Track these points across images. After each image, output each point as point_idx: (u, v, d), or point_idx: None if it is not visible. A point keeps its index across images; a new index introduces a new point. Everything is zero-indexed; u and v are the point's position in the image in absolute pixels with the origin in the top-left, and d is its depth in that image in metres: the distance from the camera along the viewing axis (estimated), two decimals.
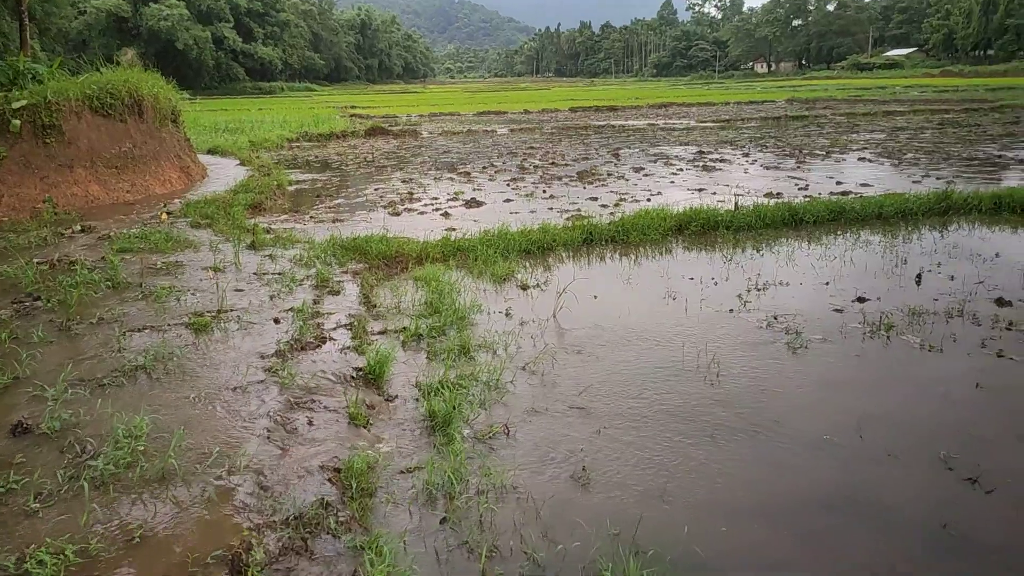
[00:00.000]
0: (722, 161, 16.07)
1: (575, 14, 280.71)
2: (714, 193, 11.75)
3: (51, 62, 13.36)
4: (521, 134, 26.16)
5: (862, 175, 13.20)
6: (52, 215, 9.60)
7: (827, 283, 6.66)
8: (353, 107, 47.23)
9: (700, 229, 8.80)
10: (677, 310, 6.10)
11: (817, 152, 17.01)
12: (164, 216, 9.76)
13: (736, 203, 9.24)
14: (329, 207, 11.51)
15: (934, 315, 5.72)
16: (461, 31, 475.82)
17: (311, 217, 10.53)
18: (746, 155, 17.09)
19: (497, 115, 38.92)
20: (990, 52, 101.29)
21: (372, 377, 4.62)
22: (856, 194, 11.14)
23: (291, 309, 5.83)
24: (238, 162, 16.90)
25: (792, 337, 5.33)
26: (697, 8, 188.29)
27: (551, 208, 10.84)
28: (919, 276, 6.73)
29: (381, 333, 5.54)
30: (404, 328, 5.55)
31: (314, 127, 26.91)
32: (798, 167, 14.76)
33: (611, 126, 28.89)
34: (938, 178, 12.56)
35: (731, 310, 6.02)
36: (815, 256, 7.64)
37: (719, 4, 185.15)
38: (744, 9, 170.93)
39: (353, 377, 4.60)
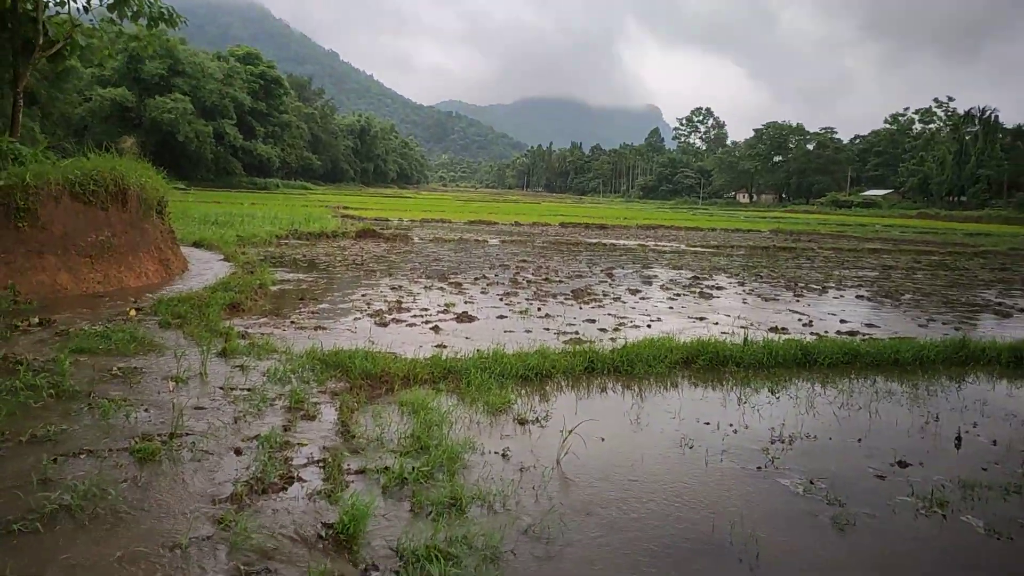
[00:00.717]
0: (718, 288, 15.75)
1: (566, 135, 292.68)
2: (716, 323, 11.26)
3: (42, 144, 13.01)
4: (513, 246, 26.03)
5: (864, 314, 12.84)
6: (11, 304, 8.86)
7: (859, 440, 6.01)
8: (346, 207, 47.56)
9: (708, 363, 8.21)
10: (696, 463, 5.39)
11: (813, 286, 16.78)
12: (132, 312, 9.05)
13: (745, 337, 8.70)
14: (312, 312, 10.86)
15: (989, 490, 5.05)
16: (456, 143, 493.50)
17: (292, 322, 9.85)
18: (741, 284, 16.83)
19: (488, 225, 39.15)
20: (963, 198, 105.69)
21: (344, 537, 3.82)
22: (864, 335, 10.70)
23: (257, 436, 5.06)
24: (222, 257, 16.37)
25: (836, 510, 4.62)
26: (683, 138, 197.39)
27: (547, 328, 10.26)
28: (958, 439, 6.11)
29: (359, 472, 4.76)
30: (386, 468, 4.78)
31: (305, 225, 26.66)
32: (796, 300, 14.43)
33: (602, 244, 28.93)
34: (944, 323, 12.20)
35: (759, 467, 5.32)
36: (836, 404, 7.01)
37: (703, 136, 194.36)
38: (728, 142, 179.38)
39: (321, 536, 3.80)
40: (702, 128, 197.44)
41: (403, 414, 5.97)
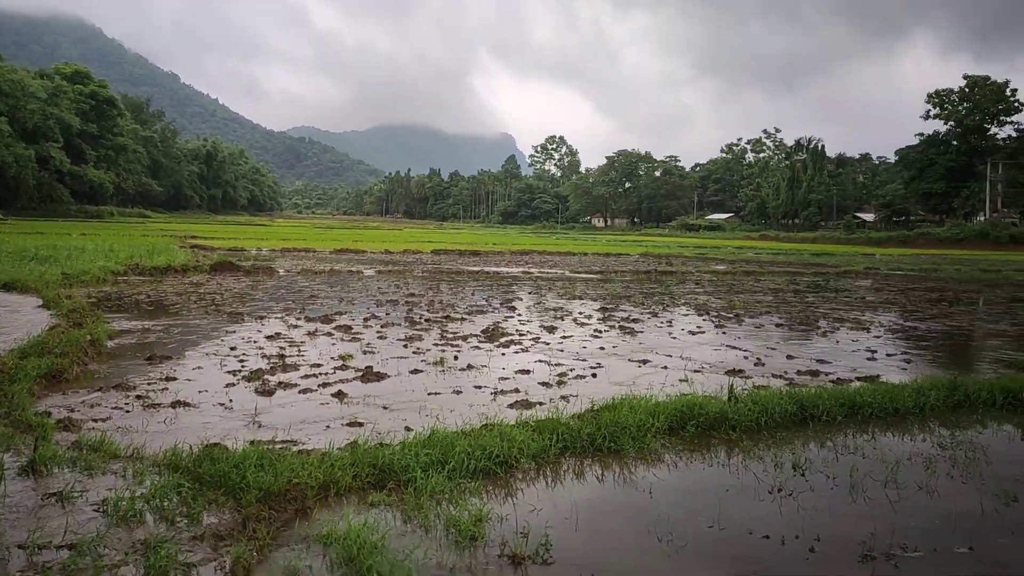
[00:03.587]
0: (635, 321, 14.45)
1: (423, 162, 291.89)
2: (665, 367, 9.77)
3: None
4: (391, 277, 23.79)
5: (806, 348, 11.88)
6: None
7: (969, 549, 4.53)
8: (194, 237, 43.13)
9: (699, 429, 6.59)
10: None
11: (725, 314, 15.90)
12: None
13: (731, 393, 7.20)
14: (166, 377, 8.26)
15: None
16: (310, 168, 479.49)
17: (139, 396, 7.26)
18: (654, 314, 15.66)
19: (357, 254, 36.55)
20: (796, 220, 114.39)
21: None
22: (826, 374, 9.61)
23: None
24: (41, 302, 13.06)
25: None
26: (539, 164, 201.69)
27: (478, 387, 8.30)
28: None
29: None
30: None
31: (148, 259, 23.02)
32: (722, 332, 13.36)
33: (485, 272, 27.30)
34: (902, 357, 11.39)
35: None
36: (881, 483, 5.55)
37: (558, 163, 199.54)
38: (581, 168, 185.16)
39: None
40: (556, 155, 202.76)
41: (332, 567, 3.83)
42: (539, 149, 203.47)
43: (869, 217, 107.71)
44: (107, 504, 4.22)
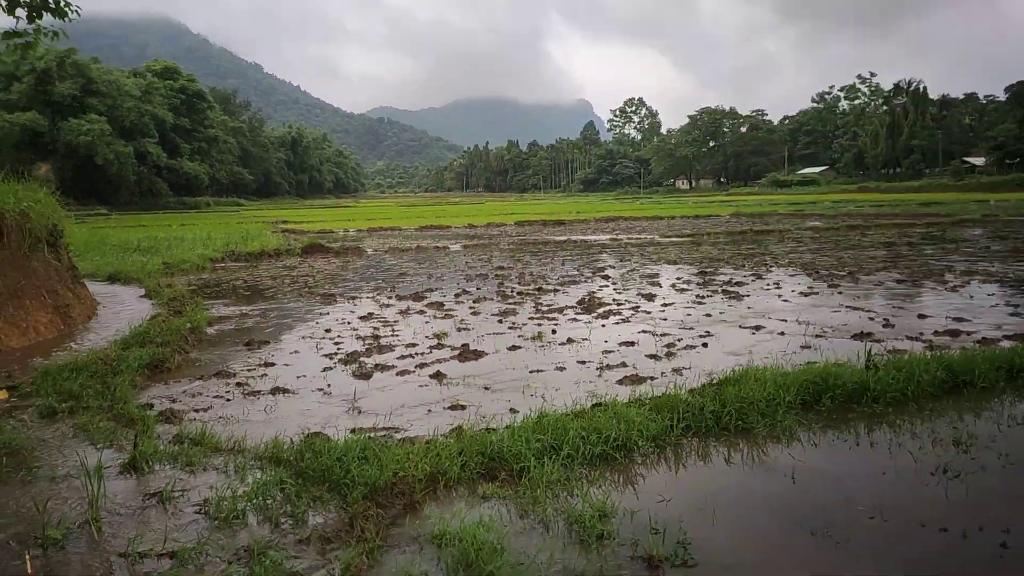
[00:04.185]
0: (738, 284, 13.58)
1: (501, 135, 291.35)
2: (782, 333, 9.00)
3: None
4: (477, 251, 23.52)
5: (938, 305, 10.77)
6: None
7: None
8: (285, 222, 44.22)
9: (836, 403, 5.89)
10: None
11: (839, 273, 14.77)
12: (2, 395, 6.26)
13: (869, 358, 6.43)
14: (265, 362, 8.16)
15: None
16: (391, 148, 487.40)
17: (238, 384, 7.15)
18: (758, 276, 14.71)
19: (440, 229, 36.58)
20: (898, 170, 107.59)
21: None
22: (965, 333, 8.62)
23: None
24: (143, 292, 13.41)
25: None
26: (618, 129, 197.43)
27: (581, 362, 7.81)
28: None
29: None
30: None
31: (243, 245, 23.56)
32: (837, 292, 12.34)
33: (572, 241, 26.65)
34: None
35: None
36: None
37: (638, 126, 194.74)
38: (662, 130, 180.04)
39: None
40: (636, 118, 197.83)
41: (449, 573, 3.45)
42: (617, 113, 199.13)
43: (979, 161, 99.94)
44: (209, 505, 3.99)
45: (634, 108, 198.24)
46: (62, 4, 13.52)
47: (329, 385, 7.07)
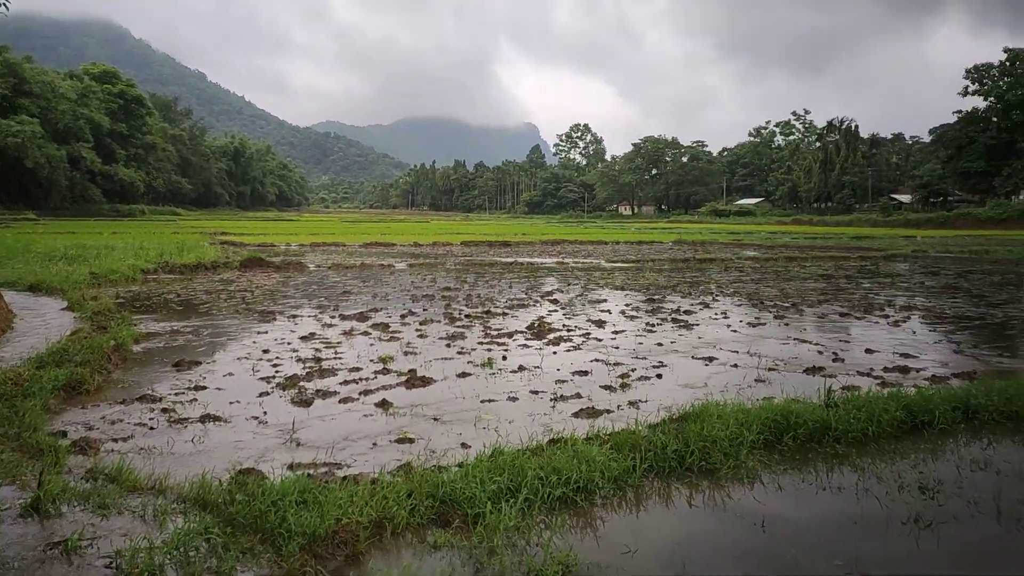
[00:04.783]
0: (687, 313, 13.55)
1: (448, 154, 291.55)
2: (735, 365, 8.89)
3: None
4: (423, 270, 23.11)
5: (882, 340, 10.89)
6: None
7: None
8: (224, 233, 42.87)
9: (798, 442, 5.73)
10: None
11: (782, 303, 14.92)
12: None
13: (829, 396, 6.32)
14: (194, 385, 7.59)
15: None
16: (337, 163, 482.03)
17: (164, 410, 6.58)
18: (705, 305, 14.72)
19: (386, 247, 35.97)
20: (830, 204, 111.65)
21: None
22: (915, 370, 8.67)
23: None
24: (65, 305, 12.54)
25: None
26: (563, 153, 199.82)
27: (533, 391, 7.51)
28: None
29: None
30: None
31: (178, 256, 22.55)
32: (784, 324, 12.41)
33: (519, 264, 26.47)
34: (991, 348, 10.38)
35: None
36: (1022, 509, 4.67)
37: (583, 151, 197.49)
38: (607, 156, 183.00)
39: None
40: (581, 144, 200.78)
41: None
42: (563, 138, 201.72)
43: (905, 199, 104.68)
44: (121, 557, 3.50)
45: (580, 133, 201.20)
46: None
47: (265, 413, 6.57)
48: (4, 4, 13.31)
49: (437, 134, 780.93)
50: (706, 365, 8.92)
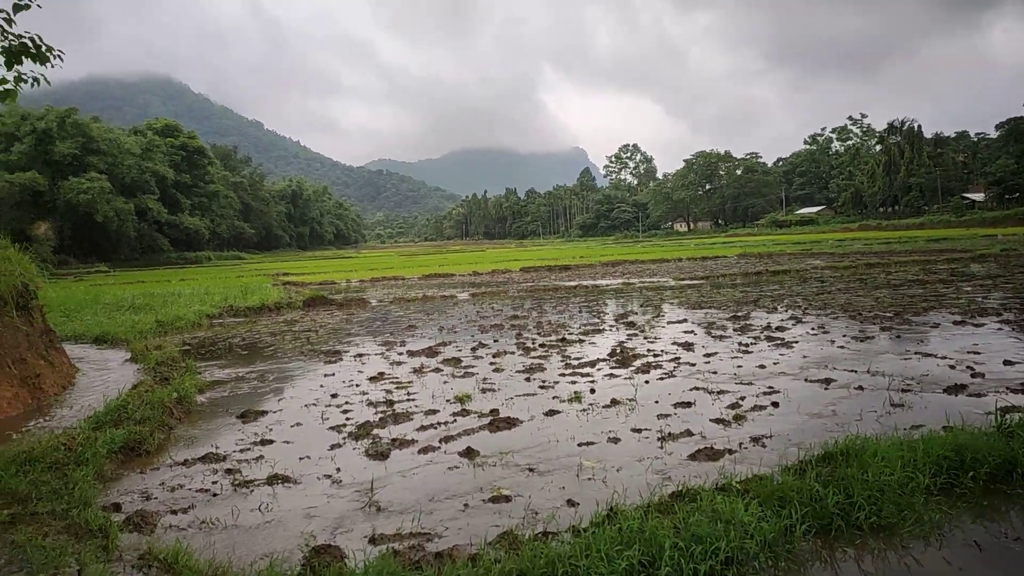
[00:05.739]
0: (779, 329, 12.42)
1: (498, 183, 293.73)
2: (859, 388, 7.79)
3: None
4: (487, 299, 22.40)
5: (1017, 350, 9.58)
6: None
7: None
8: (286, 274, 43.20)
9: (979, 484, 4.68)
10: None
11: (883, 314, 13.62)
12: None
13: (1001, 420, 5.24)
14: (260, 438, 6.94)
15: None
16: (390, 199, 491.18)
17: (228, 471, 5.93)
18: (797, 320, 13.54)
19: (445, 277, 35.52)
20: (897, 207, 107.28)
21: None
22: None
23: None
24: (129, 356, 12.22)
25: None
26: (614, 175, 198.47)
27: (635, 429, 6.60)
28: None
29: None
30: None
31: (242, 299, 22.43)
32: (896, 337, 11.16)
33: (583, 287, 25.55)
34: None
35: None
36: None
37: (633, 171, 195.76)
38: (658, 175, 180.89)
39: None
40: (631, 164, 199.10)
41: None
42: (613, 159, 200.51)
43: (978, 197, 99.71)
44: None
45: (629, 154, 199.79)
46: (43, 49, 12.53)
47: (338, 469, 5.84)
48: (59, 54, 13.32)
49: (487, 164, 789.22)
50: (825, 388, 7.85)
